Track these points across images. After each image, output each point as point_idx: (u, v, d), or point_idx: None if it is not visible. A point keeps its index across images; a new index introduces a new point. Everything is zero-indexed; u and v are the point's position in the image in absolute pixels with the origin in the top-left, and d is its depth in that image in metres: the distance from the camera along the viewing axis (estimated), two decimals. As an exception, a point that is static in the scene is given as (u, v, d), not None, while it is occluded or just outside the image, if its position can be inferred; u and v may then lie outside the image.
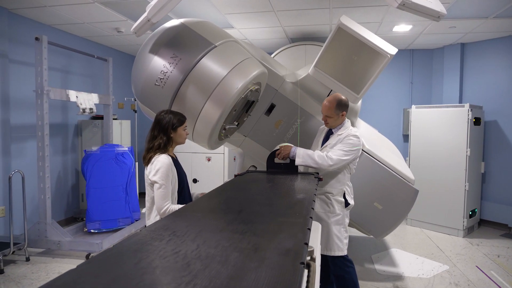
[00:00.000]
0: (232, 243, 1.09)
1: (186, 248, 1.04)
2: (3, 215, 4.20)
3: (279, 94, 3.33)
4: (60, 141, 5.19)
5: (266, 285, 0.81)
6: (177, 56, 2.40)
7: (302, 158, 2.57)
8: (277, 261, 0.96)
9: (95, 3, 3.96)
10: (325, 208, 2.73)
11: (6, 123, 4.24)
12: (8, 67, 4.25)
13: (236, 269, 0.90)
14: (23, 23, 4.45)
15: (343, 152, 2.56)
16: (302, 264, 0.94)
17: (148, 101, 2.56)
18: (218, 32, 2.68)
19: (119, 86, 6.21)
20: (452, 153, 4.96)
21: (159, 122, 2.15)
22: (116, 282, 0.83)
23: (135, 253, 1.01)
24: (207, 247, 1.06)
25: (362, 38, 2.92)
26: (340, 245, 2.71)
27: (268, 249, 1.05)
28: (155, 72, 2.42)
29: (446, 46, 5.69)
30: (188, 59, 2.39)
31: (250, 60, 2.64)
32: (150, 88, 2.46)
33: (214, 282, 0.82)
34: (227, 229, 1.25)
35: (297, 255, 0.99)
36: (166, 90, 2.42)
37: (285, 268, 0.90)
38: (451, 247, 4.54)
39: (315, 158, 2.53)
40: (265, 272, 0.88)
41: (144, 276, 0.86)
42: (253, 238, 1.15)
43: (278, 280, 0.84)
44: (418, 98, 6.04)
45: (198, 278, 0.85)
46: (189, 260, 0.96)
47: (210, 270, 0.89)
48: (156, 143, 2.11)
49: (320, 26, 4.82)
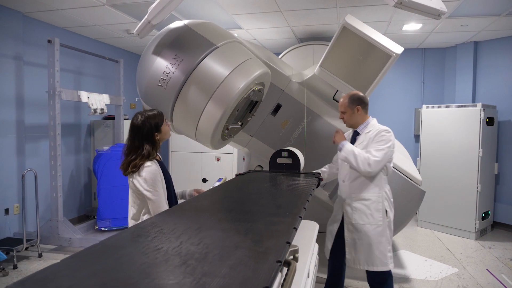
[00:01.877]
0: (214, 241, 1.11)
1: (169, 245, 1.07)
2: (18, 212, 4.33)
3: (285, 94, 3.33)
4: (73, 140, 5.33)
5: (237, 282, 0.83)
6: (179, 57, 2.43)
7: (346, 153, 2.44)
8: (255, 259, 0.98)
9: (104, 6, 4.05)
10: (364, 219, 2.49)
11: (20, 123, 4.37)
12: (23, 69, 4.39)
13: (211, 266, 0.92)
14: (37, 26, 4.59)
15: (382, 153, 2.40)
16: (278, 262, 0.95)
17: (151, 101, 2.61)
18: (221, 33, 2.70)
19: (130, 87, 6.32)
20: (464, 154, 4.86)
21: (138, 131, 1.98)
22: (95, 275, 0.86)
23: (118, 249, 1.04)
24: (190, 244, 1.08)
25: (367, 37, 2.90)
26: (383, 260, 2.47)
27: (248, 248, 1.06)
28: (157, 73, 2.46)
29: (458, 45, 5.58)
30: (190, 60, 2.42)
31: (253, 61, 2.65)
32: (153, 88, 2.50)
33: (187, 278, 0.84)
34: (214, 228, 1.27)
35: (275, 253, 1.00)
36: (168, 91, 2.46)
37: (260, 266, 0.92)
38: (461, 249, 4.45)
39: (357, 159, 2.38)
40: (239, 269, 0.90)
41: (121, 271, 0.89)
42: (236, 237, 1.17)
43: (251, 277, 0.85)
44: (430, 97, 5.94)
45: (172, 274, 0.88)
46: (168, 256, 0.98)
47: (186, 266, 0.91)
48: (144, 153, 1.94)
49: (328, 26, 4.80)
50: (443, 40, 5.44)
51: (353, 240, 2.56)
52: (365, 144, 2.51)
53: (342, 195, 2.65)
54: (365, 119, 2.62)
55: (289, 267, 1.05)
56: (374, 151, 2.41)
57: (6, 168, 4.18)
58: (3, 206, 4.16)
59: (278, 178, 2.46)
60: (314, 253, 1.95)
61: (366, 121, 2.62)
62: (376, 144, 2.43)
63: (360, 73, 3.06)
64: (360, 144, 2.55)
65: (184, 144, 5.94)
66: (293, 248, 1.18)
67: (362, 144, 2.54)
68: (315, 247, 1.99)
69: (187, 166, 5.98)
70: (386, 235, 2.50)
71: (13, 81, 4.25)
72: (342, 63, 3.10)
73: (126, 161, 1.98)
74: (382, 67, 2.96)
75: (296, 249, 1.19)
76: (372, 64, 3.01)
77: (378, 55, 2.94)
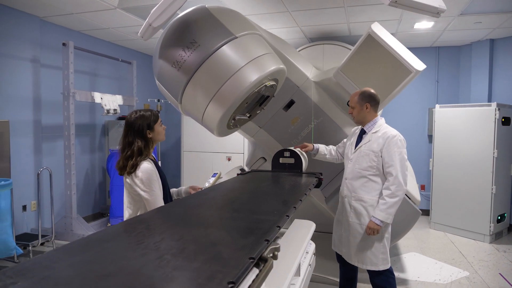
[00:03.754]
0: (194, 237, 1.15)
1: (150, 240, 1.11)
2: (34, 209, 4.50)
3: (300, 91, 3.32)
4: (88, 140, 5.49)
5: (204, 276, 0.86)
6: (196, 42, 2.41)
7: (387, 214, 2.40)
8: (228, 255, 1.00)
9: (116, 9, 4.16)
10: (360, 219, 2.53)
11: (38, 124, 4.54)
12: (40, 71, 4.55)
13: (184, 261, 0.95)
14: (53, 30, 4.75)
15: (400, 164, 2.41)
16: (251, 259, 0.97)
17: (164, 81, 2.61)
18: (242, 23, 2.65)
19: (143, 88, 6.46)
20: (478, 155, 4.74)
21: (131, 127, 2.03)
22: (71, 267, 0.91)
23: (101, 243, 1.08)
24: (170, 240, 1.12)
25: (390, 48, 2.87)
26: (374, 260, 2.52)
27: (225, 244, 1.09)
28: (173, 55, 2.45)
29: (474, 43, 5.44)
30: (206, 46, 2.39)
31: (270, 56, 2.60)
32: (167, 69, 2.50)
33: (157, 271, 0.88)
34: (199, 225, 1.31)
35: (250, 250, 1.03)
36: (181, 74, 2.45)
37: (231, 262, 0.94)
38: (474, 252, 4.34)
39: (392, 200, 2.39)
40: (211, 264, 0.93)
41: (97, 264, 0.93)
42: (217, 233, 1.20)
43: (219, 272, 0.88)
44: (444, 97, 5.82)
45: (145, 267, 0.91)
46: (147, 251, 1.02)
47: (161, 261, 0.95)
48: (135, 149, 1.98)
49: (337, 25, 4.77)
50: (458, 38, 5.32)
51: (348, 236, 2.62)
52: (371, 144, 2.52)
53: (343, 192, 2.67)
54: (373, 117, 2.61)
55: (265, 264, 1.07)
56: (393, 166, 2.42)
57: (24, 167, 4.35)
58: (21, 203, 4.32)
59: (277, 177, 2.48)
60: (309, 252, 1.96)
61: (374, 119, 2.61)
62: (391, 155, 2.43)
63: (378, 83, 3.02)
64: (365, 144, 2.55)
65: (196, 144, 6.03)
66: (274, 246, 1.20)
67: (367, 144, 2.54)
68: (309, 246, 2.00)
69: (199, 166, 6.06)
70: (380, 237, 2.51)
71: (31, 83, 4.42)
72: (361, 70, 3.06)
73: (121, 158, 2.02)
74: (401, 82, 2.93)
75: (277, 247, 1.21)
76: (391, 77, 2.97)
77: (399, 69, 2.90)
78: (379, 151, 2.49)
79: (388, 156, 2.45)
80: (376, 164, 2.50)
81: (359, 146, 2.59)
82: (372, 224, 2.43)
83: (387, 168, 2.46)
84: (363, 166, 2.54)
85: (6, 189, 3.48)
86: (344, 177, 2.69)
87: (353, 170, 2.59)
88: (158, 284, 0.81)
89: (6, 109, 4.10)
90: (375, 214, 2.43)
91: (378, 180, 2.52)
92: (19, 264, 0.91)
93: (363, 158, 2.54)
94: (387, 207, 2.41)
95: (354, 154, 2.61)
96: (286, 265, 1.51)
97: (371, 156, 2.51)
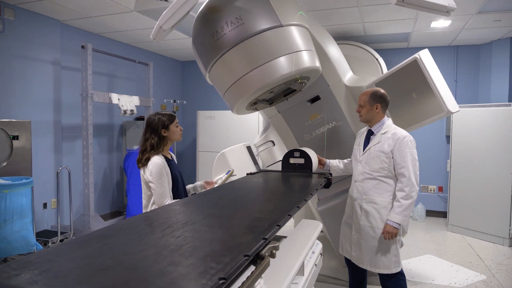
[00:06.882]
0: (194, 235, 1.18)
1: (151, 237, 1.15)
2: (54, 206, 4.66)
3: (329, 90, 3.28)
4: (107, 140, 5.63)
5: (197, 271, 0.88)
6: (242, 19, 2.37)
7: (404, 216, 2.39)
8: (224, 252, 1.03)
9: (133, 12, 4.26)
10: (372, 222, 2.49)
11: (58, 124, 4.69)
12: (61, 73, 4.71)
13: (180, 257, 0.98)
14: (73, 33, 4.90)
15: (412, 164, 2.40)
16: (246, 256, 0.99)
17: (198, 46, 2.61)
18: (292, 12, 2.57)
19: (160, 89, 6.57)
20: (498, 156, 4.61)
21: (149, 125, 2.29)
22: (72, 261, 0.95)
23: (104, 239, 1.13)
24: (170, 237, 1.15)
25: (431, 81, 2.83)
26: (387, 263, 2.47)
27: (223, 242, 1.12)
28: (215, 24, 2.43)
29: (494, 41, 5.29)
30: (250, 26, 2.36)
31: (309, 53, 2.54)
32: (205, 36, 2.49)
33: (152, 267, 0.91)
34: (200, 222, 1.34)
35: (246, 248, 1.05)
36: (217, 45, 2.43)
37: (226, 259, 0.96)
38: (492, 256, 4.22)
39: (407, 201, 2.37)
40: (205, 261, 0.95)
41: (97, 258, 0.97)
42: (217, 231, 1.23)
43: (212, 268, 0.91)
44: (463, 97, 5.67)
45: (142, 262, 0.95)
46: (145, 247, 1.06)
47: (158, 257, 0.98)
48: (148, 144, 2.24)
49: (352, 25, 4.74)
50: (477, 37, 5.18)
51: (359, 239, 2.56)
52: (381, 145, 2.49)
53: (353, 195, 2.64)
54: (381, 118, 2.58)
55: (261, 262, 1.09)
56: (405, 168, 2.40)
57: (45, 165, 4.50)
58: (41, 201, 4.48)
59: (286, 177, 2.49)
60: (315, 252, 1.96)
61: (382, 120, 2.58)
62: (403, 157, 2.41)
63: (407, 110, 2.98)
64: (375, 145, 2.52)
65: (211, 144, 6.11)
66: (272, 245, 1.22)
67: (377, 145, 2.51)
68: (316, 246, 2.00)
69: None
70: (394, 239, 2.46)
71: (51, 85, 4.57)
72: (395, 91, 3.00)
73: (139, 152, 2.28)
74: (430, 116, 2.88)
75: (276, 245, 1.23)
76: (422, 108, 2.92)
77: (432, 103, 2.86)
78: (390, 152, 2.46)
79: (400, 157, 2.42)
80: (387, 166, 2.47)
81: (368, 148, 2.56)
82: (390, 228, 2.39)
83: (399, 169, 2.43)
84: (374, 168, 2.51)
85: (27, 187, 3.61)
86: (354, 180, 2.66)
87: (363, 172, 2.56)
88: (151, 278, 0.84)
89: (28, 110, 4.26)
90: (391, 217, 2.40)
91: (390, 181, 2.49)
92: (24, 257, 0.96)
93: (374, 160, 2.51)
94: (403, 209, 2.38)
95: (363, 155, 2.59)
96: (288, 264, 1.53)
97: (382, 157, 2.48)
